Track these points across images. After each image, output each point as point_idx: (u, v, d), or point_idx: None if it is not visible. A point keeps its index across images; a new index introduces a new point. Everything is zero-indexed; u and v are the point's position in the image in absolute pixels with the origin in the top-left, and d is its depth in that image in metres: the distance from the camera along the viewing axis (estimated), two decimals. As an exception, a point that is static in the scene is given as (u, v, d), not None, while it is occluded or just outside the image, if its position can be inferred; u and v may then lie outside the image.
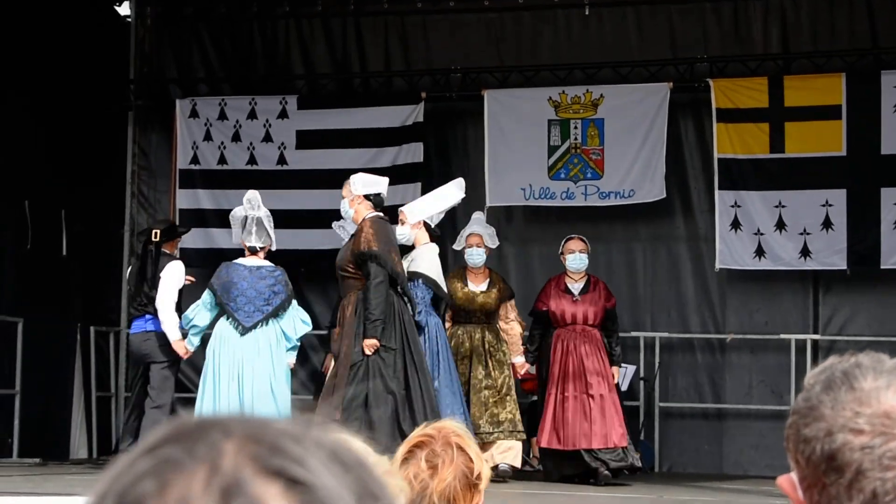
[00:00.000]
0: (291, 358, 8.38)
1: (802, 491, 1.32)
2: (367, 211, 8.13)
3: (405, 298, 8.16)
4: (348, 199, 8.33)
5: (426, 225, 8.77)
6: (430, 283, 8.55)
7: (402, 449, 2.75)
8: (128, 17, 12.45)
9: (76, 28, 11.48)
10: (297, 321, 8.32)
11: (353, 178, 8.37)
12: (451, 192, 8.96)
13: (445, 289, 8.72)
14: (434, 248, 8.74)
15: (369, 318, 7.83)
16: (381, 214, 8.23)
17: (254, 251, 8.35)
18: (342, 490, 0.69)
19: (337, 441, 0.71)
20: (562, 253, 9.37)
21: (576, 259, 9.26)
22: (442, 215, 9.02)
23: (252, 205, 8.32)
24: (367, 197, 8.18)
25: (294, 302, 8.43)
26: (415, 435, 2.80)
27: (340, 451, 0.71)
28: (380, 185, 8.30)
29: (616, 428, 9.03)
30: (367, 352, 7.80)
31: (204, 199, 11.75)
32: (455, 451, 2.72)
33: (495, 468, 8.39)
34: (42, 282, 10.95)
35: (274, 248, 8.56)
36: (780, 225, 10.67)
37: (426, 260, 8.61)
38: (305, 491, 0.68)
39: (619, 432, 9.04)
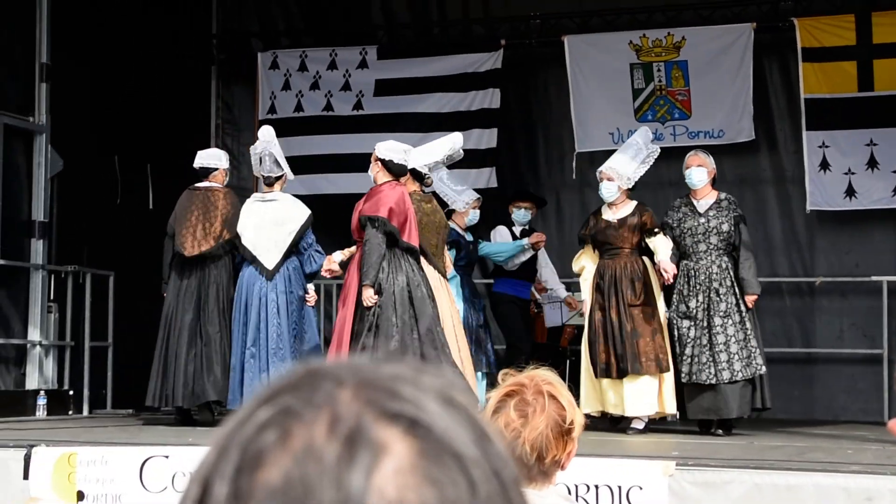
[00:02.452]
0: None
1: (912, 437, 1.29)
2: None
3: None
4: None
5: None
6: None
7: (494, 398, 2.73)
8: (209, -28, 12.52)
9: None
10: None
11: None
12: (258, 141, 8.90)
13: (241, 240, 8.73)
14: (245, 203, 8.82)
15: None
16: None
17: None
18: (459, 431, 0.68)
19: (446, 383, 0.71)
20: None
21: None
22: (260, 165, 8.92)
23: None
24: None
25: None
26: (506, 384, 2.78)
27: (451, 393, 0.71)
28: None
29: None
30: None
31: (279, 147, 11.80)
32: (546, 399, 2.69)
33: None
34: (131, 236, 11.11)
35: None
36: (872, 163, 10.45)
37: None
38: (425, 433, 0.68)
39: None
